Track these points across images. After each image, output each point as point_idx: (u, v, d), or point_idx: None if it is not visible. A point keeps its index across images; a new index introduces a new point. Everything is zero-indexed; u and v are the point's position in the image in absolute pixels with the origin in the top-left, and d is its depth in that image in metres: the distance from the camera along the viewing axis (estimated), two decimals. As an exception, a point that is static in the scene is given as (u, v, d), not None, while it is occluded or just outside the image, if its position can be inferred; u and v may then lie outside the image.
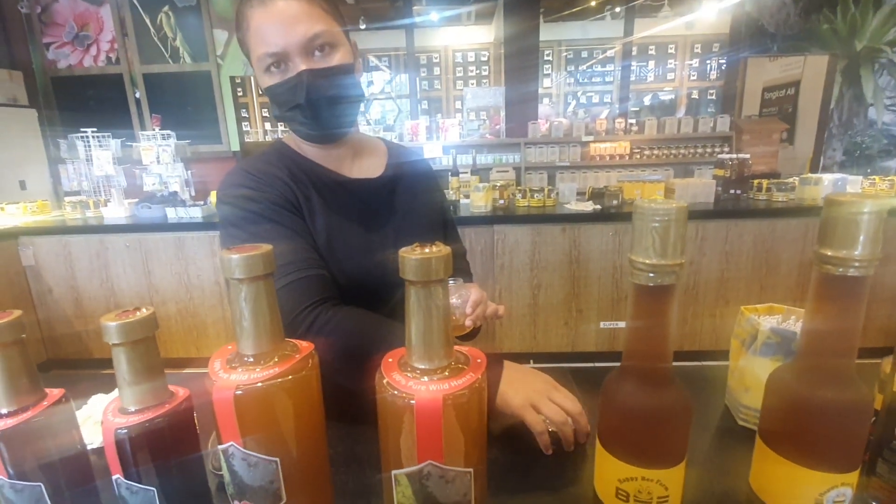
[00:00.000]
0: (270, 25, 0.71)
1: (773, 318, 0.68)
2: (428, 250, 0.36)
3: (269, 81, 0.75)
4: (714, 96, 6.57)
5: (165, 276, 2.72)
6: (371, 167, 0.89)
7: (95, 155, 3.05)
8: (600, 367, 0.85)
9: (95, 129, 3.09)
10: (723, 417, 0.71)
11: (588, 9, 6.12)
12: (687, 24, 6.19)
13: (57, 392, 0.45)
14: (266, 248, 0.38)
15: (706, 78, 6.63)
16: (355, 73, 0.79)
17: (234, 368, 0.38)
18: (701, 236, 2.52)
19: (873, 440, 0.48)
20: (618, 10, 6.26)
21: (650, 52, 6.66)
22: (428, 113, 6.66)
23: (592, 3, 5.95)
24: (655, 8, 6.17)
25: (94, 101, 4.05)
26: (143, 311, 0.39)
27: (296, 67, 0.73)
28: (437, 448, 0.36)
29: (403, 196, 0.90)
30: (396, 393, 0.37)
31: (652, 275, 0.36)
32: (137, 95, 4.03)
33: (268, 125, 4.46)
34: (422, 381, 0.37)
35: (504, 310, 0.84)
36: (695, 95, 6.70)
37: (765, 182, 2.76)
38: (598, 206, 2.66)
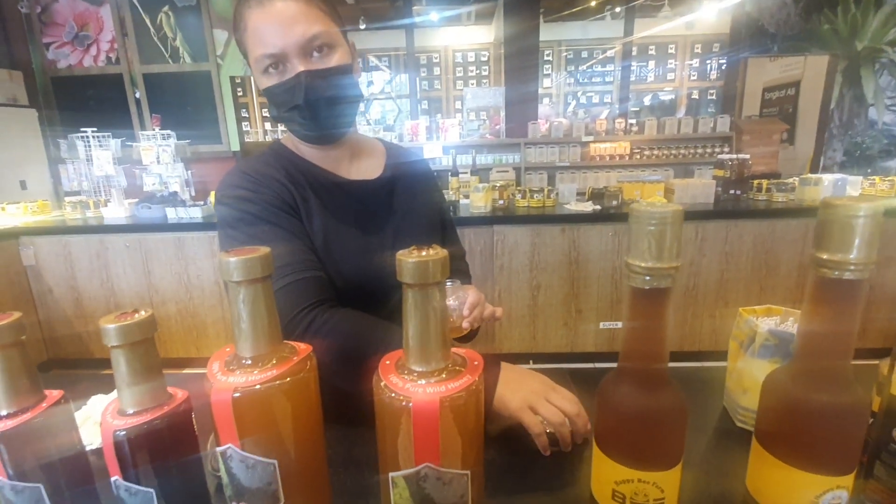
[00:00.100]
0: (268, 26, 0.71)
1: (772, 320, 0.68)
2: (425, 253, 0.36)
3: (267, 82, 0.75)
4: (714, 96, 6.57)
5: (165, 277, 2.72)
6: (369, 168, 0.89)
7: (95, 155, 3.05)
8: (600, 368, 0.85)
9: (95, 129, 3.09)
10: (721, 419, 0.71)
11: (588, 9, 6.12)
12: (687, 24, 6.19)
13: (56, 393, 0.45)
14: (264, 250, 0.38)
15: (706, 78, 6.63)
16: (353, 74, 0.79)
17: (232, 371, 0.38)
18: (701, 237, 2.52)
19: (871, 442, 0.48)
20: (618, 10, 6.26)
21: (650, 53, 6.67)
22: (428, 113, 6.67)
23: (592, 3, 5.95)
24: (655, 8, 6.17)
25: (94, 101, 4.05)
26: (142, 313, 0.39)
27: (294, 68, 0.73)
28: (434, 450, 0.36)
29: (402, 197, 0.89)
30: (393, 395, 0.37)
31: (648, 278, 0.36)
32: (137, 95, 4.03)
33: (268, 125, 4.46)
34: (419, 383, 0.37)
35: (502, 312, 0.84)
36: (695, 96, 6.70)
37: (765, 182, 2.76)
38: (598, 207, 2.66)
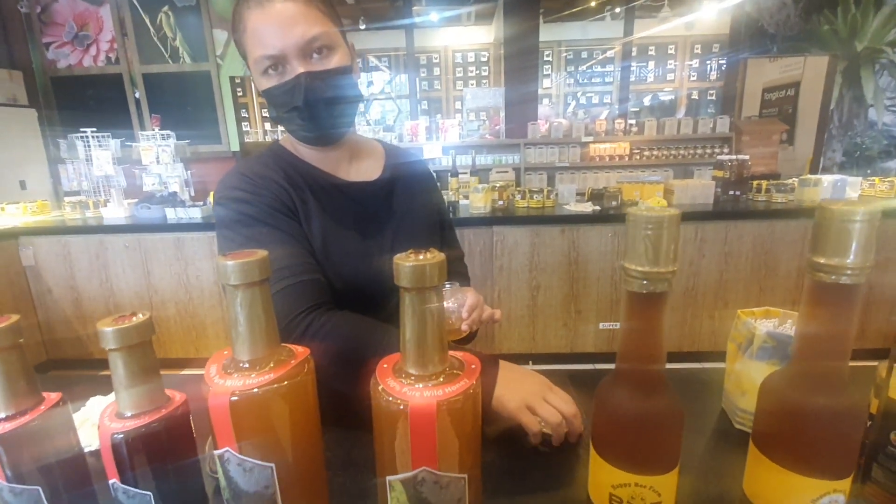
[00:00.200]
0: (268, 27, 0.71)
1: (770, 322, 0.68)
2: (422, 257, 0.36)
3: (266, 84, 0.75)
4: (714, 97, 6.57)
5: (165, 277, 2.72)
6: (368, 169, 0.89)
7: (95, 155, 3.05)
8: (599, 370, 0.85)
9: (95, 129, 3.09)
10: (719, 420, 0.71)
11: (588, 9, 6.12)
12: (687, 25, 6.19)
13: (54, 396, 0.45)
14: (262, 254, 0.38)
15: (706, 79, 6.63)
16: (353, 75, 0.79)
17: (229, 374, 0.38)
18: (700, 237, 2.52)
19: (869, 445, 0.48)
20: (618, 10, 6.26)
21: (650, 53, 6.67)
22: (428, 113, 6.66)
23: (592, 4, 5.95)
24: (655, 8, 6.17)
25: (94, 101, 4.05)
26: (140, 316, 0.39)
27: (294, 70, 0.73)
28: (431, 454, 0.36)
29: (401, 198, 0.89)
30: (391, 399, 0.37)
31: (645, 282, 0.36)
32: (137, 95, 4.03)
33: (267, 125, 4.46)
34: (416, 387, 0.37)
35: (500, 314, 0.84)
36: (695, 96, 6.70)
37: (764, 183, 2.76)
38: (598, 208, 2.67)
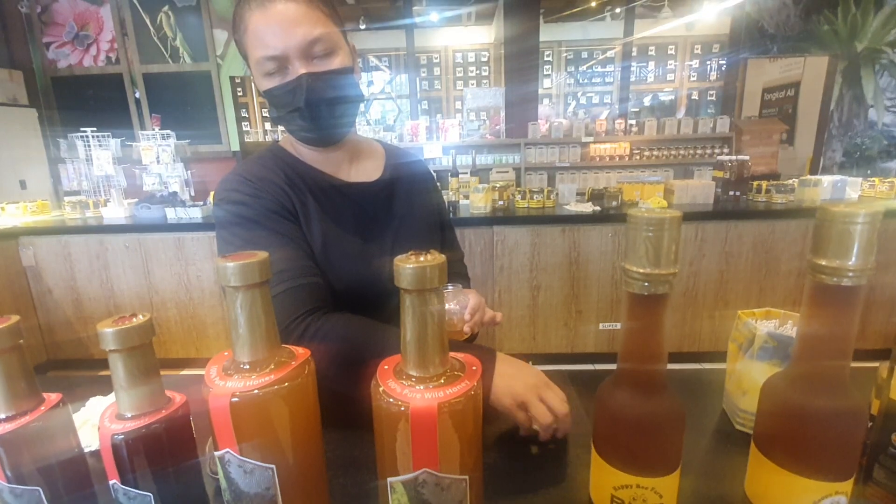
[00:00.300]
0: (269, 28, 0.70)
1: (770, 323, 0.68)
2: (423, 259, 0.36)
3: (267, 84, 0.75)
4: (714, 97, 6.56)
5: (165, 277, 2.72)
6: (368, 170, 0.89)
7: (95, 155, 3.05)
8: (599, 370, 0.85)
9: (95, 129, 3.09)
10: (720, 421, 0.71)
11: (588, 9, 6.12)
12: (687, 25, 6.19)
13: (54, 397, 0.45)
14: (262, 255, 0.38)
15: (706, 79, 6.63)
16: (354, 76, 0.79)
17: (230, 375, 0.38)
18: (700, 238, 2.52)
19: (870, 446, 0.48)
20: (618, 10, 6.25)
21: (650, 53, 6.66)
22: (428, 113, 6.66)
23: (592, 4, 5.95)
24: (655, 9, 6.17)
25: (94, 101, 4.05)
26: (140, 317, 0.39)
27: (295, 71, 0.72)
28: (432, 456, 0.36)
29: (401, 199, 0.89)
30: (392, 400, 0.37)
31: (646, 284, 0.36)
32: (137, 95, 4.03)
33: (267, 125, 4.46)
34: (417, 388, 0.37)
35: (501, 316, 0.84)
36: (695, 96, 6.69)
37: (764, 183, 2.76)
38: (598, 208, 2.66)
